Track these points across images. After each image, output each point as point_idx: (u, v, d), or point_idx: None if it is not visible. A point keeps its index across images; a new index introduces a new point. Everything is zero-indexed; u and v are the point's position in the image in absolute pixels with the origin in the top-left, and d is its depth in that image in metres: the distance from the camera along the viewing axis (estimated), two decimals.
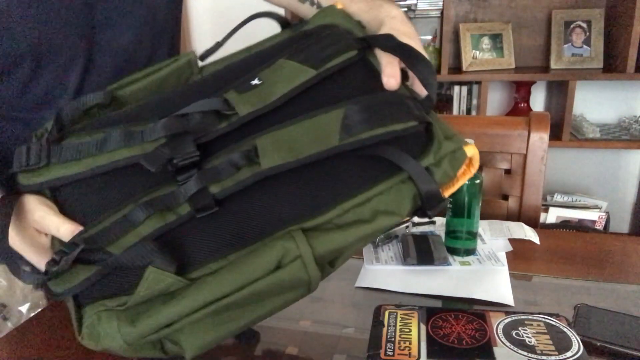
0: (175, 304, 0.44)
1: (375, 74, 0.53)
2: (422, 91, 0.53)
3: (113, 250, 0.45)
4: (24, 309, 0.80)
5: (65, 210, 0.49)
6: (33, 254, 0.51)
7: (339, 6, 0.60)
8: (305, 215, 0.46)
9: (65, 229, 0.47)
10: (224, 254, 0.46)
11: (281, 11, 2.23)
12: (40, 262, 0.51)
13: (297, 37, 0.57)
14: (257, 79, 0.51)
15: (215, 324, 0.46)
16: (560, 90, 2.13)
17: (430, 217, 0.50)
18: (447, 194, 0.51)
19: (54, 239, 0.49)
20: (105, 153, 0.48)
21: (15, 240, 0.51)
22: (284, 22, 0.60)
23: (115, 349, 0.45)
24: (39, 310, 0.73)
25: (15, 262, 0.47)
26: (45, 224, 0.48)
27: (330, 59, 0.52)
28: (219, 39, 0.59)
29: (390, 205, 0.48)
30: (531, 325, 0.55)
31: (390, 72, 0.51)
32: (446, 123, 0.53)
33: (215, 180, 0.46)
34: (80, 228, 0.47)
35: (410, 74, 0.54)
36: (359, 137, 0.47)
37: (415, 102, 0.51)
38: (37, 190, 0.50)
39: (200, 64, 0.58)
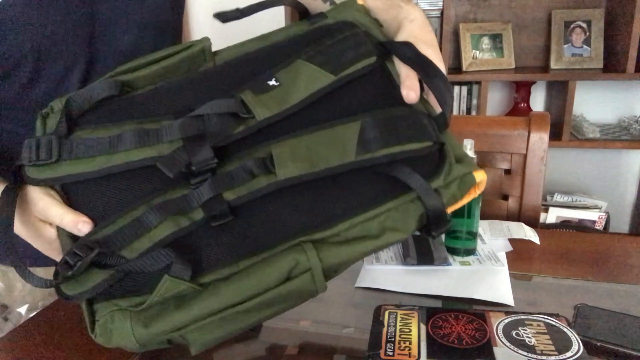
0: (188, 310, 0.44)
1: (393, 84, 0.52)
2: (435, 105, 0.52)
3: (126, 254, 0.45)
4: (22, 310, 0.80)
5: (74, 207, 0.48)
6: (40, 244, 0.51)
7: (360, 1, 0.58)
8: (316, 227, 0.47)
9: (69, 219, 0.47)
10: (235, 260, 0.46)
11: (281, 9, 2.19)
12: (47, 251, 0.51)
13: (315, 32, 0.55)
14: (274, 79, 0.50)
15: (221, 324, 0.46)
16: (560, 90, 2.13)
17: (434, 237, 0.50)
18: (449, 210, 0.51)
19: (59, 230, 0.49)
20: (119, 152, 0.48)
21: (20, 230, 0.51)
22: (303, 12, 0.59)
23: (127, 347, 0.46)
24: (39, 310, 0.73)
25: (22, 263, 0.47)
26: (48, 214, 0.48)
27: (349, 65, 0.51)
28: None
29: (398, 222, 0.48)
30: (531, 325, 0.55)
31: (410, 84, 0.51)
32: (457, 141, 0.52)
33: (229, 187, 0.46)
34: (84, 218, 0.47)
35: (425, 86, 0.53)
36: (375, 154, 0.47)
37: (430, 119, 0.51)
38: (47, 185, 0.49)
39: (214, 48, 0.56)
